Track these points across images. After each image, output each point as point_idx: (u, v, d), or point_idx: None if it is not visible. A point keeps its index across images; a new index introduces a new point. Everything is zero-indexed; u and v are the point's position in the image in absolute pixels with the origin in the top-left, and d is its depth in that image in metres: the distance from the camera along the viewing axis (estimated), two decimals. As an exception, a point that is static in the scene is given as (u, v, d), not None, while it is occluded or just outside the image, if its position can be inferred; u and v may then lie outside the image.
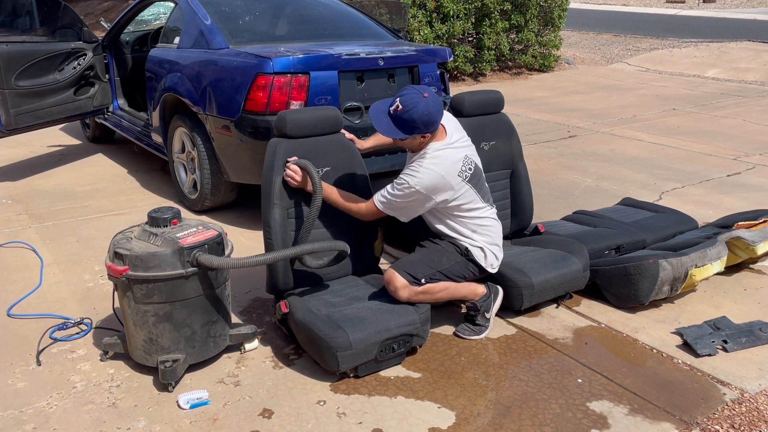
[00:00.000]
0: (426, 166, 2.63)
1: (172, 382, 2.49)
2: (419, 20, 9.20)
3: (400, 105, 2.58)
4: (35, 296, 3.25)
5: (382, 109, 2.68)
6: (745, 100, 8.41)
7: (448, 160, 2.66)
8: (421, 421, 2.34)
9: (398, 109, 2.58)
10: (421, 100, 2.56)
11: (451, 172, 2.66)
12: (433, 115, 2.58)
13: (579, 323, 3.02)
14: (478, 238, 2.80)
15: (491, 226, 2.82)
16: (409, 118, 2.57)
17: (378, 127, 2.64)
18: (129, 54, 5.73)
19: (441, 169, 2.64)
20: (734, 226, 3.47)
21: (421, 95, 2.57)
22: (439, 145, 2.69)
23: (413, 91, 2.60)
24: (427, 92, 2.59)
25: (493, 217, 2.85)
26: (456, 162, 2.68)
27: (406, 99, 2.58)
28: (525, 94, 8.89)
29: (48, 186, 4.94)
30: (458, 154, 2.70)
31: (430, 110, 2.57)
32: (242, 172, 3.99)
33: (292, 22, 4.72)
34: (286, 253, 2.56)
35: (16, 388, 2.52)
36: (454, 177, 2.66)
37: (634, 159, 5.70)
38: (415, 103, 2.56)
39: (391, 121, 2.62)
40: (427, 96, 2.58)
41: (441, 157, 2.66)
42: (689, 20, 19.59)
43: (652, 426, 2.32)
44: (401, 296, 2.67)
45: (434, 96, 2.61)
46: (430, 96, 2.59)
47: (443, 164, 2.65)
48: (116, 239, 2.53)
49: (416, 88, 2.61)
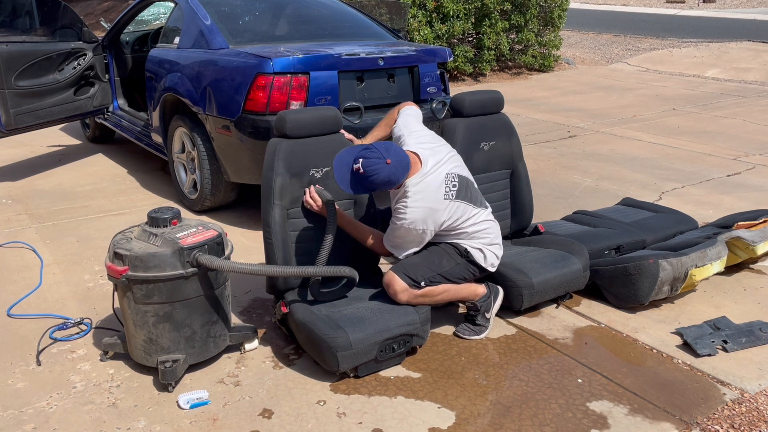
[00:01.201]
0: (411, 205, 2.59)
1: (172, 382, 2.49)
2: (419, 20, 9.20)
3: (361, 168, 2.48)
4: (35, 296, 3.26)
5: (346, 160, 2.55)
6: (745, 100, 8.41)
7: (429, 189, 2.60)
8: (421, 421, 2.34)
9: (360, 171, 2.49)
10: (383, 168, 2.46)
11: (437, 200, 2.61)
12: (394, 179, 2.50)
13: (579, 323, 3.02)
14: (476, 243, 2.79)
15: (487, 228, 2.80)
16: (370, 183, 2.50)
17: (340, 181, 2.54)
18: (129, 54, 5.73)
19: (426, 203, 2.60)
20: (734, 226, 3.47)
21: (384, 162, 2.46)
22: (416, 178, 2.60)
23: (376, 154, 2.47)
24: (391, 156, 2.47)
25: (488, 218, 2.82)
26: (438, 188, 2.63)
27: (368, 164, 2.47)
28: (525, 94, 8.89)
29: (48, 186, 4.94)
30: (437, 178, 2.63)
31: (391, 176, 2.48)
32: (242, 172, 3.99)
33: (292, 22, 4.72)
34: (288, 270, 2.53)
35: (16, 388, 2.52)
36: (440, 202, 2.62)
37: (634, 159, 5.70)
38: (377, 171, 2.46)
39: (354, 179, 2.53)
40: (390, 162, 2.47)
41: (422, 190, 2.60)
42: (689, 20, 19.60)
43: (652, 426, 2.32)
44: (401, 300, 2.67)
45: (398, 158, 2.49)
46: (393, 162, 2.47)
47: (427, 196, 2.60)
48: (116, 239, 2.53)
49: (380, 150, 2.48)
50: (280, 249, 2.75)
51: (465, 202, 2.71)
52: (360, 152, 2.52)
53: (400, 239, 2.70)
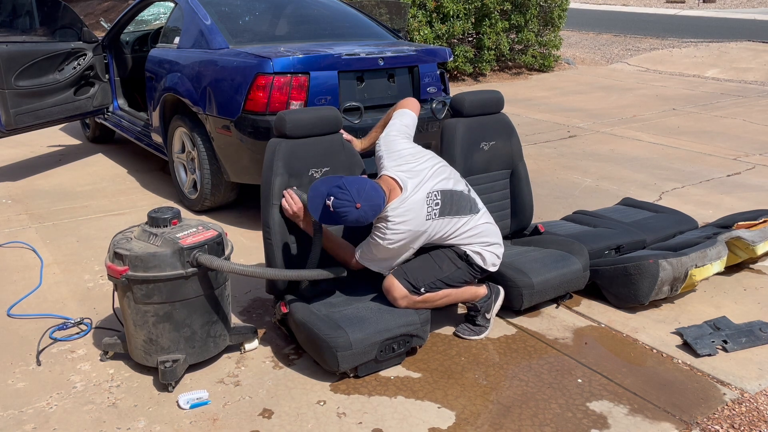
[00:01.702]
0: (391, 228, 2.55)
1: (172, 382, 2.49)
2: (419, 20, 9.20)
3: (331, 206, 2.44)
4: (35, 296, 3.26)
5: (321, 192, 2.50)
6: (745, 100, 8.41)
7: (411, 212, 2.56)
8: (421, 421, 2.34)
9: (330, 209, 2.45)
10: (352, 212, 2.42)
11: (418, 222, 2.58)
12: (362, 219, 2.45)
13: (579, 323, 3.02)
14: (473, 247, 2.77)
15: (482, 231, 2.75)
16: (339, 220, 2.47)
17: (313, 211, 2.50)
18: (129, 54, 5.73)
19: (408, 226, 2.56)
20: (734, 226, 3.47)
21: (353, 206, 2.41)
22: (396, 203, 2.56)
23: (347, 197, 2.41)
24: (362, 200, 2.42)
25: (481, 221, 2.76)
26: (419, 210, 2.57)
27: (338, 204, 2.43)
28: (525, 94, 8.89)
29: (48, 186, 4.94)
30: (418, 200, 2.58)
31: (360, 220, 2.44)
32: (242, 172, 3.99)
33: (292, 22, 4.72)
34: (286, 273, 2.54)
35: (16, 388, 2.52)
36: (422, 224, 2.59)
37: (634, 159, 5.70)
38: (346, 213, 2.43)
39: (326, 213, 2.48)
40: (360, 207, 2.42)
41: (403, 214, 2.55)
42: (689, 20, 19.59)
43: (652, 426, 2.32)
44: (400, 305, 2.66)
45: (369, 203, 2.44)
46: (363, 206, 2.43)
47: (408, 219, 2.56)
48: (116, 239, 2.53)
49: (352, 191, 2.42)
50: (279, 249, 2.75)
51: (450, 216, 2.66)
52: (332, 189, 2.46)
53: (377, 255, 2.67)
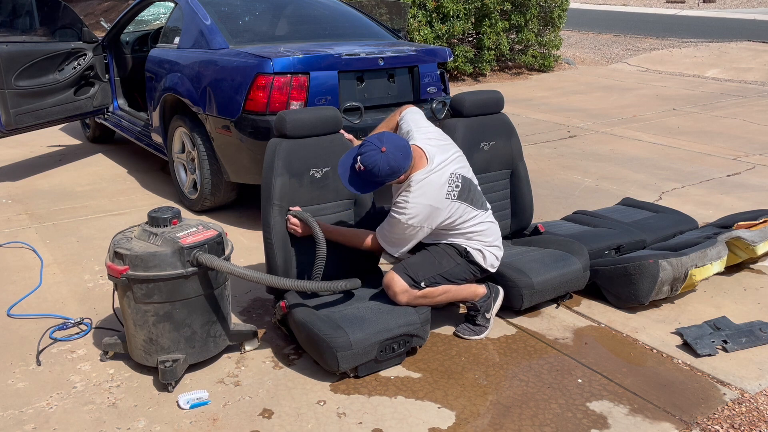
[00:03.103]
0: (412, 200, 2.59)
1: (172, 382, 2.49)
2: (419, 20, 9.20)
3: (361, 165, 2.52)
4: (35, 296, 3.26)
5: (347, 164, 2.59)
6: (745, 100, 8.41)
7: (432, 187, 2.61)
8: (421, 421, 2.34)
9: (361, 169, 2.53)
10: (380, 158, 2.48)
11: (438, 198, 2.61)
12: (395, 167, 2.51)
13: (579, 323, 3.02)
14: (474, 243, 2.78)
15: (487, 230, 2.79)
16: (374, 176, 2.52)
17: (348, 187, 2.57)
18: (129, 54, 5.73)
19: (427, 199, 2.60)
20: (734, 226, 3.47)
21: (379, 150, 2.49)
22: (421, 174, 2.61)
23: (371, 147, 2.50)
24: (385, 144, 2.49)
25: (488, 220, 2.81)
26: (441, 186, 2.63)
27: (366, 159, 2.51)
28: (525, 94, 8.89)
29: (48, 186, 4.94)
30: (442, 177, 2.64)
31: (392, 163, 2.50)
32: (242, 172, 3.99)
33: (292, 22, 4.72)
34: (285, 283, 2.53)
35: (16, 388, 2.52)
36: (442, 201, 2.62)
37: (634, 159, 5.70)
38: (375, 162, 2.49)
39: (359, 180, 2.56)
40: (386, 150, 2.49)
41: (425, 186, 2.60)
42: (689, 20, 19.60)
43: (652, 426, 2.32)
44: (400, 301, 2.67)
45: (394, 145, 2.51)
46: (388, 148, 2.49)
47: (429, 193, 2.60)
48: (116, 239, 2.53)
49: (374, 142, 2.51)
50: (280, 249, 2.75)
51: (466, 203, 2.71)
52: (356, 151, 2.56)
53: (395, 235, 2.69)
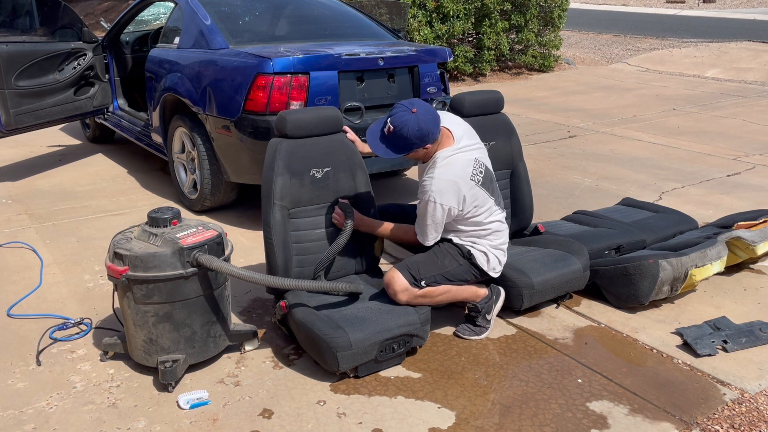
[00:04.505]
0: (437, 176, 2.61)
1: (172, 382, 2.49)
2: (419, 20, 9.20)
3: (391, 126, 2.55)
4: (35, 296, 3.25)
5: (376, 130, 2.65)
6: (745, 100, 8.41)
7: (457, 165, 2.64)
8: (421, 421, 2.34)
9: (390, 130, 2.56)
10: (410, 118, 2.53)
11: (464, 177, 2.64)
12: (425, 129, 2.55)
13: (579, 323, 3.02)
14: (483, 242, 2.78)
15: (499, 231, 2.81)
16: (403, 138, 2.55)
17: (376, 151, 2.61)
18: (129, 54, 5.73)
19: (452, 175, 2.62)
20: (734, 226, 3.47)
21: (410, 111, 2.54)
22: (448, 151, 2.67)
23: (401, 108, 2.56)
24: (416, 107, 2.55)
25: (502, 220, 2.84)
26: (466, 166, 2.66)
27: (396, 119, 2.55)
28: (525, 94, 8.89)
29: (48, 186, 4.94)
30: (468, 157, 2.69)
31: (421, 125, 2.53)
32: (242, 172, 3.99)
33: (292, 22, 4.72)
34: (285, 283, 2.53)
35: (16, 388, 2.52)
36: (467, 181, 2.64)
37: (634, 159, 5.70)
38: (405, 122, 2.52)
39: (387, 143, 2.60)
40: (416, 111, 2.54)
41: (450, 164, 2.64)
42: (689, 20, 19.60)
43: (652, 426, 2.32)
44: (400, 299, 2.67)
45: (424, 109, 2.57)
46: (419, 110, 2.54)
47: (454, 170, 2.63)
48: (116, 239, 2.53)
49: (404, 104, 2.58)
50: (280, 249, 2.75)
51: (488, 193, 2.74)
52: (386, 116, 2.61)
53: (423, 219, 2.67)
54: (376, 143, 2.62)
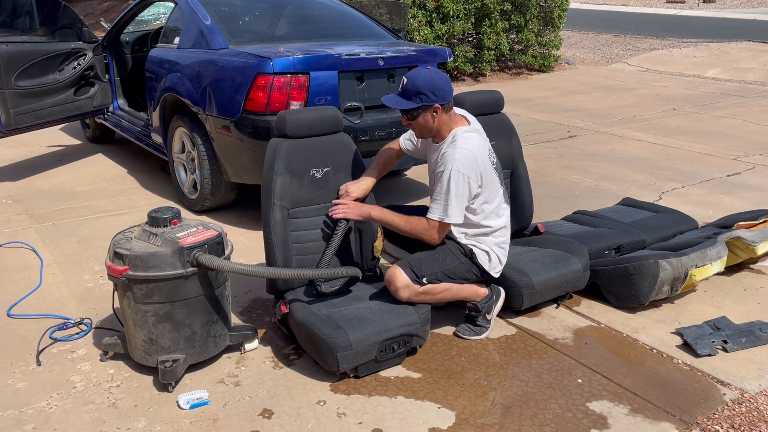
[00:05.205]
0: (459, 146, 2.64)
1: (172, 382, 2.49)
2: (419, 20, 9.20)
3: (405, 79, 2.66)
4: (35, 296, 3.25)
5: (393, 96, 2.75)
6: (745, 100, 8.40)
7: (475, 140, 2.71)
8: (421, 421, 2.34)
9: (404, 83, 2.66)
10: (423, 71, 2.64)
11: (482, 151, 2.70)
12: (436, 83, 2.61)
13: (579, 323, 3.02)
14: (488, 240, 2.79)
15: (503, 228, 2.82)
16: (413, 86, 2.62)
17: (387, 102, 2.71)
18: (129, 54, 5.73)
19: (473, 147, 2.66)
20: (734, 226, 3.47)
21: (425, 68, 2.68)
22: (464, 129, 2.73)
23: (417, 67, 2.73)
24: (431, 67, 2.68)
25: (507, 216, 2.86)
26: (483, 146, 2.74)
27: (410, 73, 2.67)
28: (525, 94, 8.89)
29: (48, 186, 4.94)
30: (483, 140, 2.78)
31: (433, 78, 2.62)
32: (242, 172, 3.99)
33: (292, 22, 4.72)
34: (286, 272, 2.55)
35: (16, 388, 2.52)
36: (484, 158, 2.70)
37: (634, 159, 5.70)
38: (419, 72, 2.63)
39: (399, 94, 2.68)
40: (431, 69, 2.67)
41: (470, 138, 2.69)
42: (689, 20, 19.59)
43: (652, 426, 2.32)
44: (401, 296, 2.67)
45: (438, 70, 2.69)
46: (432, 69, 2.68)
47: (473, 143, 2.68)
48: (116, 239, 2.53)
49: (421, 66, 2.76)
50: (280, 249, 2.75)
51: (498, 179, 2.80)
52: None
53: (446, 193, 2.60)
54: (389, 99, 2.71)
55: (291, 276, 2.56)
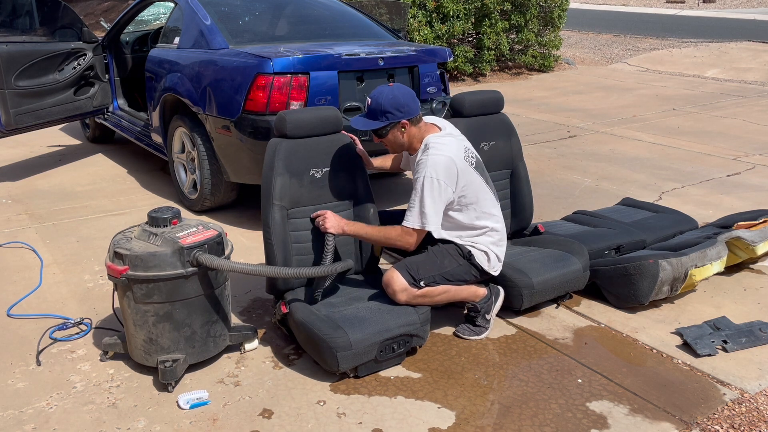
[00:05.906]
0: (432, 154, 2.63)
1: (172, 382, 2.49)
2: (419, 20, 9.20)
3: (369, 99, 2.67)
4: (35, 296, 3.25)
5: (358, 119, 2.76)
6: (745, 100, 8.40)
7: (450, 145, 2.69)
8: (421, 421, 2.34)
9: (368, 104, 2.67)
10: (385, 88, 2.65)
11: (458, 154, 2.68)
12: (400, 99, 2.62)
13: (579, 323, 3.02)
14: (483, 240, 2.79)
15: (497, 227, 2.82)
16: (378, 106, 2.64)
17: (354, 124, 2.72)
18: (129, 54, 5.73)
19: (448, 152, 2.65)
20: (734, 226, 3.47)
21: (386, 85, 2.68)
22: (436, 135, 2.72)
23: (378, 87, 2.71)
24: (393, 83, 2.66)
25: (500, 214, 2.86)
26: (458, 146, 2.72)
27: (373, 93, 2.68)
28: (525, 94, 8.89)
29: (48, 186, 4.94)
30: (458, 141, 2.75)
31: (396, 95, 2.63)
32: (242, 172, 3.99)
33: (292, 22, 4.72)
34: (285, 271, 2.56)
35: (16, 388, 2.52)
36: (461, 160, 2.69)
37: (634, 159, 5.70)
38: (381, 91, 2.65)
39: (365, 115, 2.71)
40: (392, 85, 2.67)
41: (443, 143, 2.68)
42: (689, 20, 19.59)
43: (652, 426, 2.32)
44: (399, 300, 2.67)
45: (401, 86, 2.69)
46: (395, 85, 2.68)
47: (448, 148, 2.67)
48: (116, 239, 2.53)
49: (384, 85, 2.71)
50: (279, 249, 2.75)
51: (482, 178, 2.77)
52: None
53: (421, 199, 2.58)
54: (355, 119, 2.73)
55: (290, 275, 2.57)
